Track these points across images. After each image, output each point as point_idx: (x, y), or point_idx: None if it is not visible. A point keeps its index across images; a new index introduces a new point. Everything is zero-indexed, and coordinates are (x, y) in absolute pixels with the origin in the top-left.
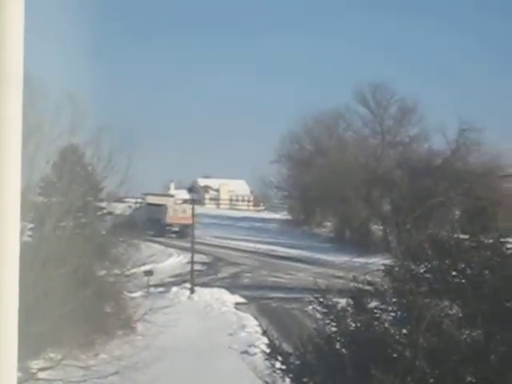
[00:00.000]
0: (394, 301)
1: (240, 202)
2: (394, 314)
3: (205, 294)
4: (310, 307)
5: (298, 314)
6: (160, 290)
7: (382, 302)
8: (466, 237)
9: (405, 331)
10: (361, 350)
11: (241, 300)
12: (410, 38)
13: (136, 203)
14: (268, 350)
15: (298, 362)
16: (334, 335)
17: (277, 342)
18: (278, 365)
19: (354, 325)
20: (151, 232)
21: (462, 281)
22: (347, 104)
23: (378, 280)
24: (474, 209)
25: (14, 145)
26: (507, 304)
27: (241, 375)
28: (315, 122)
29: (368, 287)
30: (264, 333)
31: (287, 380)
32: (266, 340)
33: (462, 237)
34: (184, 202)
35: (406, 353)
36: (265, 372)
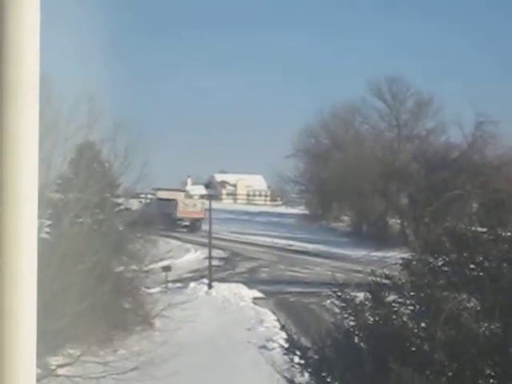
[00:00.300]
0: (412, 294)
1: (257, 196)
2: (412, 308)
3: (223, 289)
4: (328, 301)
5: (316, 309)
6: (178, 285)
7: (400, 295)
8: (484, 230)
9: (423, 325)
10: (379, 344)
11: (259, 295)
12: (425, 33)
13: (146, 198)
14: (286, 345)
15: (317, 357)
16: (352, 329)
17: (295, 337)
18: (296, 359)
19: (372, 319)
20: (162, 226)
21: (480, 274)
22: (363, 98)
23: (396, 274)
24: (491, 201)
25: (31, 142)
26: None
27: (259, 370)
28: (332, 116)
29: (386, 281)
30: (282, 327)
31: (306, 374)
32: (284, 334)
33: (480, 230)
34: (201, 197)
35: (425, 346)
36: (283, 367)
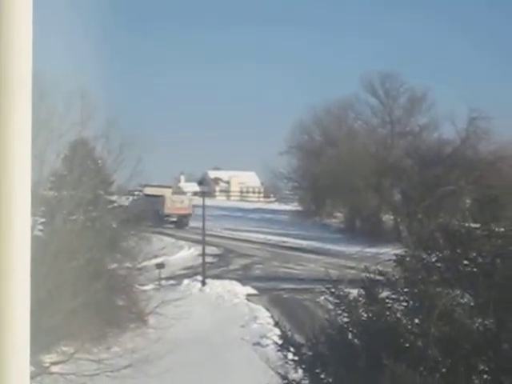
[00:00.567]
0: (405, 290)
1: (250, 193)
2: (405, 304)
3: (216, 286)
4: (322, 298)
5: (310, 305)
6: (171, 282)
7: (394, 291)
8: (477, 225)
9: (417, 321)
10: (373, 340)
11: (252, 291)
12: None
13: (133, 195)
14: (280, 341)
15: (311, 353)
16: (345, 325)
17: (289, 333)
18: (290, 356)
19: (365, 315)
20: (149, 223)
21: (474, 269)
22: (356, 94)
23: (390, 270)
24: (484, 197)
25: (24, 139)
26: None
27: (253, 366)
28: (325, 112)
29: (379, 277)
30: (276, 324)
31: (300, 371)
32: (278, 331)
33: (473, 225)
34: (194, 194)
35: (418, 342)
36: (277, 363)
